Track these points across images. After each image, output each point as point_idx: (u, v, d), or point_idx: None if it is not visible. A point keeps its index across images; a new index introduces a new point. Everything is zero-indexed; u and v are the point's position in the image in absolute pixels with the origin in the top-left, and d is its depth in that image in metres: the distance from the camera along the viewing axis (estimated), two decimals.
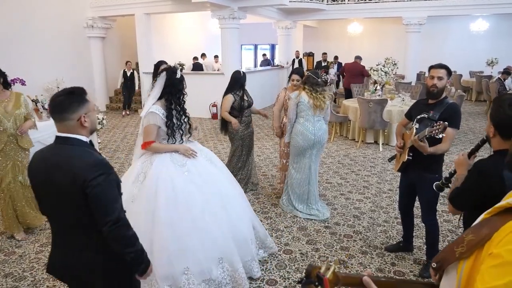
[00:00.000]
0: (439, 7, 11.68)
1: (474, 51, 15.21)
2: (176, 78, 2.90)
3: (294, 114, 4.12)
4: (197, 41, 14.82)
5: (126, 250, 1.74)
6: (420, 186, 3.12)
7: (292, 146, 4.22)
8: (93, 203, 1.66)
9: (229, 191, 3.12)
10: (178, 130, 2.93)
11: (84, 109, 1.75)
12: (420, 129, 2.88)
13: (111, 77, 12.21)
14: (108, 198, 1.69)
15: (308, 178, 4.25)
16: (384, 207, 4.59)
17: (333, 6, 12.84)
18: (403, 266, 3.35)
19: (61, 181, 1.67)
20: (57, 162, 1.72)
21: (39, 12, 9.76)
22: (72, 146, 1.73)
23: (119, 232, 1.71)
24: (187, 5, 9.64)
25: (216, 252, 2.80)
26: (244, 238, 3.05)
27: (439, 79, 2.90)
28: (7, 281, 3.17)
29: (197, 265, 2.71)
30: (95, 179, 1.63)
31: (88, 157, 1.71)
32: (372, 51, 14.64)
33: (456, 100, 7.71)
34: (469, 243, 1.09)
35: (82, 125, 1.74)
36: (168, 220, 2.67)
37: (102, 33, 11.46)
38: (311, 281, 1.03)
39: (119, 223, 1.69)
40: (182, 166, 2.89)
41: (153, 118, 2.84)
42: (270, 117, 5.23)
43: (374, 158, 6.67)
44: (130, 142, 7.97)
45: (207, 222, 2.80)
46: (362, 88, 9.48)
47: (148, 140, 2.86)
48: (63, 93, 1.75)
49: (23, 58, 9.08)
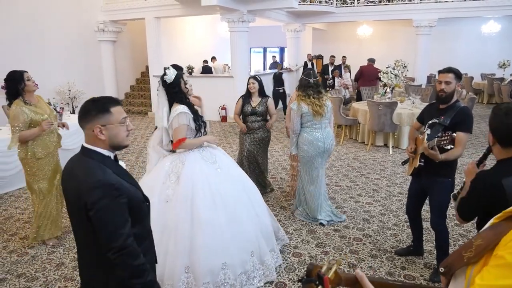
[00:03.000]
0: (450, 9, 11.58)
1: (486, 53, 15.03)
2: (170, 84, 3.01)
3: (298, 125, 3.99)
4: (207, 44, 14.91)
5: (132, 281, 1.58)
6: (432, 190, 3.07)
7: (301, 157, 4.10)
8: (96, 227, 1.54)
9: (250, 185, 3.28)
10: (202, 123, 3.09)
11: (102, 120, 1.60)
12: (432, 135, 2.85)
13: (121, 81, 12.35)
14: (112, 224, 1.53)
15: (320, 188, 4.15)
16: (394, 210, 4.56)
17: (342, 9, 12.80)
18: (413, 270, 3.32)
19: (71, 195, 1.63)
20: (71, 173, 1.65)
21: (51, 17, 9.91)
22: (88, 158, 1.63)
23: (124, 261, 1.55)
24: (197, 9, 9.71)
25: (249, 246, 2.93)
26: (269, 231, 3.22)
27: (447, 83, 2.85)
28: (20, 281, 3.21)
29: (233, 260, 2.82)
30: (97, 203, 1.51)
31: (96, 175, 1.56)
32: (382, 54, 14.55)
33: (467, 103, 7.65)
34: (478, 248, 1.08)
35: (97, 137, 1.61)
36: (208, 219, 2.77)
37: (113, 36, 11.59)
38: (312, 280, 1.01)
39: (123, 251, 1.54)
40: (213, 163, 3.02)
41: (185, 118, 2.95)
42: (273, 127, 5.21)
43: (383, 161, 6.63)
44: (140, 145, 8.04)
45: (240, 218, 2.93)
46: (372, 91, 9.43)
47: (180, 138, 2.94)
48: (90, 100, 1.66)
49: (35, 61, 9.22)
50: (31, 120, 3.56)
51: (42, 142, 3.67)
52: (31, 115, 3.56)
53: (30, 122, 3.56)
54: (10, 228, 4.22)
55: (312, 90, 3.90)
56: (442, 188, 2.98)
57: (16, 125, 3.49)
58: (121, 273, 1.57)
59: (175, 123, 2.96)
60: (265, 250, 3.06)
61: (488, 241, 1.06)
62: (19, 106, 3.52)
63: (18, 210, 4.73)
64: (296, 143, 4.09)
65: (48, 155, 3.73)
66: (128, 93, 13.06)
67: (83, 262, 1.77)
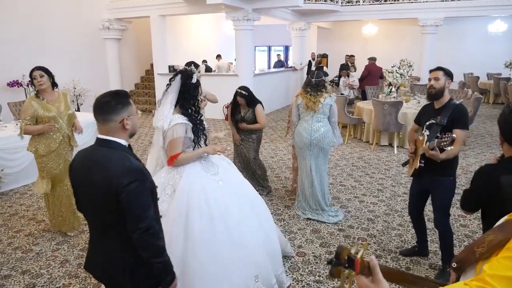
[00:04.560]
0: (456, 8, 11.49)
1: (492, 53, 14.90)
2: (191, 83, 2.66)
3: (295, 116, 4.27)
4: (212, 43, 14.91)
5: (154, 260, 1.73)
6: (434, 190, 3.09)
7: (295, 147, 4.37)
8: (125, 209, 1.65)
9: (257, 198, 2.96)
10: (202, 135, 2.73)
11: (127, 111, 1.76)
12: (431, 135, 2.91)
13: (126, 78, 12.37)
14: (140, 205, 1.67)
15: (311, 181, 4.20)
16: (399, 210, 4.54)
17: (347, 8, 12.75)
18: (418, 270, 3.30)
19: (97, 184, 1.69)
20: (95, 164, 1.73)
21: (57, 15, 9.94)
22: (111, 149, 1.74)
23: (149, 240, 1.69)
24: (202, 7, 9.70)
25: (252, 269, 2.61)
26: (276, 250, 2.91)
27: (436, 80, 2.99)
28: (24, 278, 3.23)
29: (234, 286, 2.50)
30: (128, 186, 1.63)
31: (125, 162, 1.70)
32: (387, 53, 14.49)
33: (473, 102, 7.60)
34: (490, 243, 1.09)
35: (124, 127, 1.76)
36: (203, 239, 2.43)
37: (118, 34, 11.60)
38: (341, 263, 1.00)
39: (149, 231, 1.67)
40: (215, 174, 2.68)
41: (182, 130, 2.59)
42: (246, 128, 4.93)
43: (388, 160, 6.60)
44: (144, 143, 8.08)
45: (243, 235, 2.59)
46: (377, 90, 9.39)
47: (174, 154, 2.58)
48: (108, 94, 1.76)
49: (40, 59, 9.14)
50: (37, 115, 3.63)
51: (45, 140, 3.71)
52: (39, 110, 3.63)
53: (36, 117, 3.63)
54: (15, 225, 4.23)
55: (311, 88, 4.10)
56: (445, 187, 3.02)
57: (23, 117, 3.64)
58: (144, 253, 1.71)
59: (170, 135, 2.58)
60: (271, 273, 2.74)
61: (501, 237, 1.06)
62: (30, 100, 3.66)
63: (23, 207, 4.75)
64: (293, 134, 4.34)
65: (51, 153, 3.75)
66: (132, 91, 13.08)
67: (104, 250, 1.82)
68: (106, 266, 1.83)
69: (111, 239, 1.79)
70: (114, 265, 1.80)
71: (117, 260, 1.79)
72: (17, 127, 5.63)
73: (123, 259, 1.78)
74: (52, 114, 3.68)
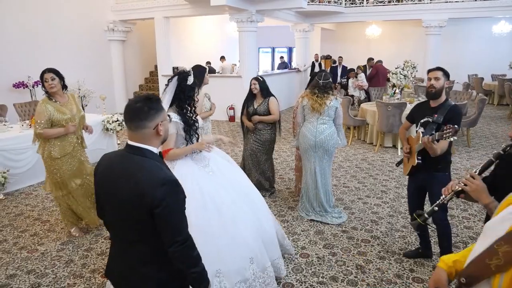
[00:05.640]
0: (460, 9, 11.46)
1: (496, 54, 14.87)
2: (187, 85, 2.81)
3: (300, 118, 4.27)
4: (215, 44, 14.96)
5: (190, 270, 1.65)
6: (431, 186, 3.13)
7: (300, 149, 4.35)
8: (161, 223, 1.58)
9: (251, 190, 3.14)
10: (195, 134, 2.88)
11: (160, 117, 1.67)
12: (426, 133, 2.96)
13: (130, 80, 12.44)
14: (177, 218, 1.61)
15: (315, 183, 4.21)
16: (403, 212, 4.53)
17: (351, 9, 12.75)
18: (422, 272, 3.29)
19: (127, 194, 1.60)
20: (125, 173, 1.63)
21: (61, 16, 10.00)
22: (143, 157, 1.64)
23: (187, 253, 1.64)
24: (206, 9, 9.74)
25: (247, 252, 2.74)
26: (271, 237, 3.05)
27: (436, 79, 3.03)
28: (29, 278, 3.26)
29: (229, 267, 2.65)
30: (164, 200, 1.54)
31: (158, 173, 1.60)
32: (390, 54, 14.49)
33: (477, 104, 7.57)
34: (506, 255, 1.03)
35: (158, 133, 1.67)
36: (199, 226, 2.55)
37: (122, 36, 11.67)
38: None
39: (186, 243, 1.62)
40: (205, 166, 2.87)
41: (173, 128, 2.75)
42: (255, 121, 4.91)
43: (392, 162, 6.59)
44: None
45: (236, 222, 2.75)
46: (380, 92, 9.37)
47: (166, 149, 2.75)
48: (140, 100, 1.65)
49: (45, 60, 9.26)
50: (52, 118, 3.61)
51: (60, 142, 3.70)
52: (54, 113, 3.61)
53: (51, 121, 3.61)
54: (20, 225, 4.27)
55: (318, 90, 4.09)
56: (441, 182, 3.01)
57: (39, 121, 3.59)
58: (181, 265, 1.65)
59: None
60: (266, 257, 2.87)
61: None
62: (44, 103, 3.62)
63: (29, 207, 4.78)
64: (298, 135, 4.33)
65: (65, 156, 3.75)
66: (137, 92, 13.14)
67: (128, 261, 1.73)
68: (130, 278, 1.74)
69: (136, 251, 1.69)
70: (139, 277, 1.70)
71: (149, 272, 1.70)
72: (22, 128, 5.68)
73: (156, 271, 1.69)
74: (67, 116, 3.68)
